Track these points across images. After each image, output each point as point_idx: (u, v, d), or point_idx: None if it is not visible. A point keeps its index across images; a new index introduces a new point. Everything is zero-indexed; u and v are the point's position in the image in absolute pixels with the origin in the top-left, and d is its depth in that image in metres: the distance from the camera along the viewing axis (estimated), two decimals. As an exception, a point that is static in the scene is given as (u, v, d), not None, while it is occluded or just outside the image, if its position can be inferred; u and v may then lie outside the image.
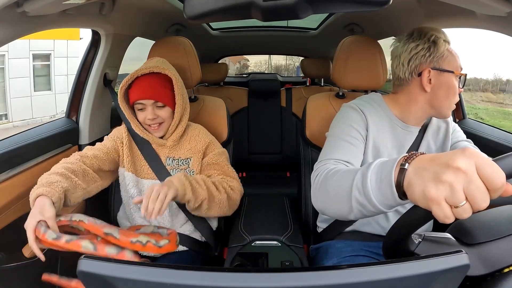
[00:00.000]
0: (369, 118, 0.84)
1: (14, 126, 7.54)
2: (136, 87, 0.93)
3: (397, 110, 0.87)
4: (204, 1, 0.53)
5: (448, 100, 0.82)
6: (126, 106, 0.95)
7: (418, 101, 0.84)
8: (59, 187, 0.77)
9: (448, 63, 0.81)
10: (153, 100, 0.93)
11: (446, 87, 0.81)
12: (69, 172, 0.83)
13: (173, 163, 0.98)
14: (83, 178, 0.87)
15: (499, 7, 0.65)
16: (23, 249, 0.95)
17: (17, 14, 0.71)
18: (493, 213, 0.58)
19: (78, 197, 0.84)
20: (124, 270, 0.41)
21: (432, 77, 0.81)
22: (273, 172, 2.15)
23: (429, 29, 0.82)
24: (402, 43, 0.84)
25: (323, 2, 0.55)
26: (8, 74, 7.85)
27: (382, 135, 0.85)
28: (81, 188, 0.85)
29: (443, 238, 0.54)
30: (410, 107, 0.85)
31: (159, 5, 1.27)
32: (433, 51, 0.80)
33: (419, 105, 0.84)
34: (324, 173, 0.66)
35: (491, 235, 0.52)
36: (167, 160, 0.98)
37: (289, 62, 11.67)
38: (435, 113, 0.85)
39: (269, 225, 1.06)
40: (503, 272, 0.49)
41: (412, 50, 0.81)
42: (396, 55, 0.85)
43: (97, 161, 0.93)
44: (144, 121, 0.95)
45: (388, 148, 0.86)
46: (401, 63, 0.83)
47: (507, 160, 0.41)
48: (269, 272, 0.43)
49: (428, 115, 0.86)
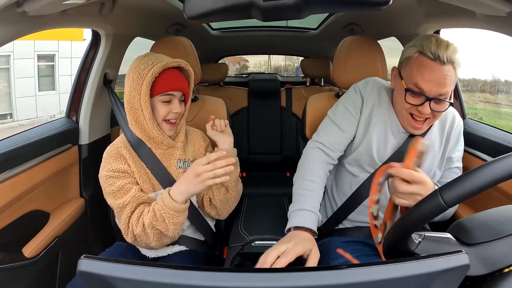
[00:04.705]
0: (366, 102, 0.91)
1: (20, 125, 7.59)
2: (165, 78, 0.86)
3: None
4: (204, 1, 0.53)
5: (397, 104, 0.87)
6: (148, 102, 0.85)
7: (393, 97, 0.90)
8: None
9: (405, 72, 0.81)
10: (181, 93, 0.91)
11: (396, 90, 0.87)
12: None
13: (185, 165, 0.96)
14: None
15: (499, 7, 0.65)
16: (23, 249, 0.95)
17: (17, 14, 0.71)
18: (493, 213, 0.58)
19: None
20: (124, 270, 0.41)
21: (395, 76, 0.86)
22: (273, 172, 2.15)
23: (428, 36, 0.79)
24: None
25: (323, 2, 0.55)
26: (13, 74, 7.93)
27: (375, 119, 0.90)
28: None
29: (443, 238, 0.54)
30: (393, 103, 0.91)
31: (159, 5, 1.27)
32: (404, 53, 0.83)
33: (394, 102, 0.90)
34: (305, 159, 0.92)
35: (491, 235, 0.52)
36: (178, 162, 0.95)
37: (289, 63, 11.67)
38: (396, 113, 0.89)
39: (269, 225, 1.06)
40: (503, 272, 0.49)
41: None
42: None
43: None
44: (166, 115, 0.90)
45: (379, 135, 0.89)
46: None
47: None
48: (269, 272, 0.43)
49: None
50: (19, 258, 0.94)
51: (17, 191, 0.92)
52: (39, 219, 1.03)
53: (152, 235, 0.83)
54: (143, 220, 0.83)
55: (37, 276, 0.98)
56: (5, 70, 7.90)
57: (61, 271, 1.08)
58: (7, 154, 0.90)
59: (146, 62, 0.85)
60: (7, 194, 0.89)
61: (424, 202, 0.50)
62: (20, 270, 0.93)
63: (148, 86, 0.84)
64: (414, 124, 0.83)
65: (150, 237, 0.83)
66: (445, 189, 0.48)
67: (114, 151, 0.91)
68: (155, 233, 0.83)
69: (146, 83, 0.83)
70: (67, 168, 1.15)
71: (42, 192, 1.03)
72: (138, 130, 0.90)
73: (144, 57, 0.88)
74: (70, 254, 1.11)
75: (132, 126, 0.91)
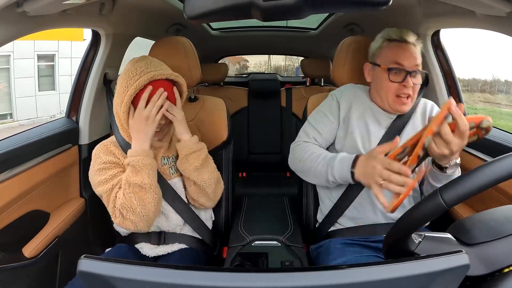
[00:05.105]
0: (342, 106, 0.98)
1: (20, 125, 7.61)
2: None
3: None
4: (204, 1, 0.53)
5: (379, 93, 0.95)
6: (125, 113, 0.86)
7: (372, 91, 0.99)
8: None
9: (381, 59, 0.93)
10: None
11: (376, 79, 0.95)
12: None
13: (169, 160, 0.99)
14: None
15: (499, 7, 0.65)
16: (23, 249, 0.95)
17: (17, 14, 0.71)
18: (493, 213, 0.58)
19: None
20: (124, 270, 0.41)
21: (370, 70, 0.97)
22: (273, 172, 2.15)
23: (388, 28, 0.95)
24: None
25: (323, 2, 0.55)
26: (13, 74, 7.96)
27: (354, 115, 0.96)
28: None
29: (443, 238, 0.54)
30: (374, 96, 0.98)
31: (159, 5, 1.27)
32: (372, 47, 0.97)
33: (374, 95, 0.97)
34: (302, 146, 0.97)
35: (491, 235, 0.52)
36: (162, 159, 0.98)
37: (289, 63, 11.69)
38: (380, 103, 0.96)
39: (269, 225, 1.06)
40: (503, 272, 0.49)
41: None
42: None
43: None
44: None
45: (361, 129, 0.95)
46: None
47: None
48: (269, 272, 0.43)
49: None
50: (19, 258, 0.94)
51: (17, 191, 0.92)
52: (39, 219, 1.03)
53: (133, 196, 0.82)
54: (122, 185, 0.85)
55: (37, 276, 0.98)
56: (5, 70, 7.92)
57: (61, 271, 1.08)
58: (7, 154, 0.90)
59: (136, 69, 0.85)
60: (7, 194, 0.89)
61: (424, 202, 0.50)
62: (20, 270, 0.93)
63: (130, 98, 0.84)
64: (401, 101, 0.91)
65: (133, 200, 0.82)
66: (445, 189, 0.48)
67: (104, 148, 0.94)
68: (135, 191, 0.83)
69: (128, 95, 0.83)
70: (67, 168, 1.15)
71: (42, 192, 1.03)
72: (125, 134, 0.91)
73: (136, 63, 0.86)
74: (70, 254, 1.11)
75: (120, 130, 0.92)
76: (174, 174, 0.98)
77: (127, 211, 0.83)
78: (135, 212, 0.83)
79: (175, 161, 0.98)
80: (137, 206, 0.83)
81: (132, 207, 0.83)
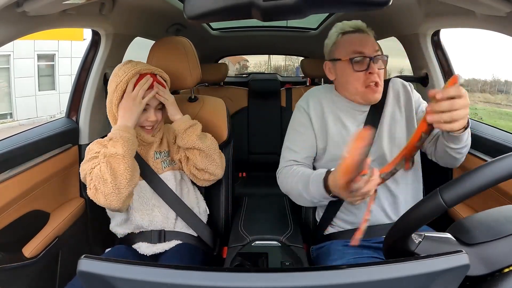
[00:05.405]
0: (312, 114, 0.97)
1: (20, 125, 7.61)
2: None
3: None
4: (204, 1, 0.53)
5: (346, 87, 0.94)
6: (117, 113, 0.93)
7: (338, 87, 0.99)
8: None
9: (340, 52, 0.92)
10: (158, 101, 0.96)
11: (340, 75, 0.94)
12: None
13: (161, 155, 1.01)
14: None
15: (499, 7, 0.65)
16: (23, 249, 0.95)
17: (17, 14, 0.71)
18: (493, 213, 0.58)
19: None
20: (124, 270, 0.41)
21: (331, 67, 0.97)
22: (273, 172, 2.14)
23: (339, 23, 0.95)
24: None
25: (323, 2, 0.55)
26: (13, 74, 7.96)
27: (329, 119, 0.95)
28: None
29: (443, 238, 0.54)
30: (342, 92, 0.97)
31: (159, 5, 1.27)
32: (327, 45, 0.97)
33: (341, 91, 0.97)
34: (283, 173, 0.98)
35: (491, 235, 0.52)
36: (155, 154, 1.01)
37: (288, 63, 11.69)
38: (350, 97, 0.95)
39: (269, 225, 1.06)
40: (503, 272, 0.49)
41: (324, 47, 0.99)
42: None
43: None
44: (142, 123, 0.95)
45: (340, 130, 0.94)
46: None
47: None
48: (269, 272, 0.43)
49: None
50: (19, 258, 0.94)
51: (17, 191, 0.92)
52: (39, 219, 1.03)
53: (105, 165, 0.83)
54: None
55: (37, 276, 0.98)
56: (5, 69, 7.92)
57: (61, 271, 1.08)
58: (7, 154, 0.90)
59: (124, 70, 0.91)
60: (7, 194, 0.89)
61: (424, 202, 0.50)
62: (20, 270, 0.93)
63: (118, 99, 0.91)
64: (373, 90, 0.91)
65: (105, 170, 0.83)
66: (445, 189, 0.48)
67: (98, 143, 0.95)
68: (108, 161, 0.83)
69: (116, 95, 0.90)
70: (67, 168, 1.15)
71: (42, 192, 1.03)
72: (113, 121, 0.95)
73: (123, 65, 0.93)
74: (70, 254, 1.11)
75: (112, 123, 0.96)
76: (166, 167, 1.01)
77: (99, 181, 0.83)
78: (106, 182, 0.83)
79: (167, 156, 1.03)
80: (108, 176, 0.82)
81: (103, 177, 0.83)
